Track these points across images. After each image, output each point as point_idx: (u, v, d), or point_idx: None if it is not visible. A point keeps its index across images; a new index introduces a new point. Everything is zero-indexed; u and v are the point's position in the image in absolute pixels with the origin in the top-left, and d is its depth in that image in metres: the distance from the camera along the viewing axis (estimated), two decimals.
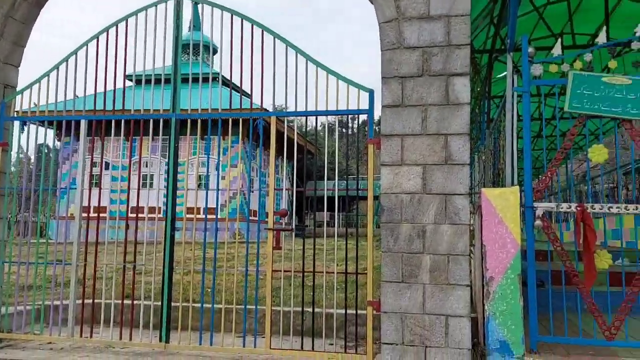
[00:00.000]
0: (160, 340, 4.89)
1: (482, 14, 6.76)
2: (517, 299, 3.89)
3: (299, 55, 4.84)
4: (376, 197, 4.58)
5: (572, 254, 4.17)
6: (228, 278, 5.76)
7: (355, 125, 5.27)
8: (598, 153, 4.00)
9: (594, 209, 4.00)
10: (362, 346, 4.62)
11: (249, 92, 5.11)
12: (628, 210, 3.96)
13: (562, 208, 4.06)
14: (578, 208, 3.99)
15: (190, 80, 5.23)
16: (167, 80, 5.20)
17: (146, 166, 19.57)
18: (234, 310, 4.80)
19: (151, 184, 7.70)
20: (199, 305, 5.01)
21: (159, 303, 4.99)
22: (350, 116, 5.00)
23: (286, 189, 18.80)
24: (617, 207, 3.97)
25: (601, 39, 4.07)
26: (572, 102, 4.05)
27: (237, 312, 5.15)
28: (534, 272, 4.06)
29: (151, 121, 5.20)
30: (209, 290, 6.03)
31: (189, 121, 5.18)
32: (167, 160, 5.15)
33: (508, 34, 4.45)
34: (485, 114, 7.71)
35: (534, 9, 7.23)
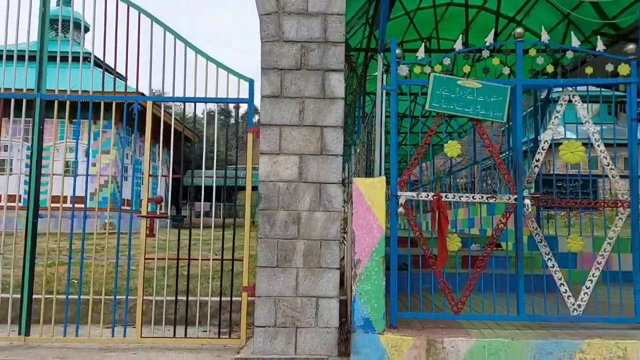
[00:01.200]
0: (20, 333, 4.56)
1: (359, 13, 7.14)
2: (380, 279, 4.23)
3: (177, 40, 4.76)
4: (256, 188, 4.68)
5: (435, 240, 4.64)
6: (97, 269, 5.50)
7: (241, 114, 5.31)
8: (452, 148, 4.48)
9: (448, 198, 4.48)
10: (237, 332, 4.72)
11: (124, 75, 4.93)
12: (475, 199, 4.49)
13: (422, 197, 4.49)
14: (434, 197, 4.44)
15: (58, 58, 4.90)
16: (32, 58, 4.81)
17: (5, 150, 17.80)
18: (102, 300, 4.63)
19: (11, 170, 7.04)
20: (65, 297, 4.75)
21: (19, 296, 4.64)
22: (235, 105, 5.04)
23: (162, 176, 18.18)
24: (466, 197, 4.49)
25: (457, 45, 4.55)
26: (432, 101, 4.48)
27: (108, 303, 4.97)
28: (395, 255, 4.44)
29: (12, 101, 4.79)
30: (76, 282, 5.72)
31: (55, 102, 4.85)
32: (30, 144, 4.79)
33: (379, 36, 4.77)
34: (362, 109, 8.17)
35: (405, 13, 7.77)
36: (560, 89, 4.62)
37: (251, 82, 4.75)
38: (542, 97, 8.53)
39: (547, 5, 7.33)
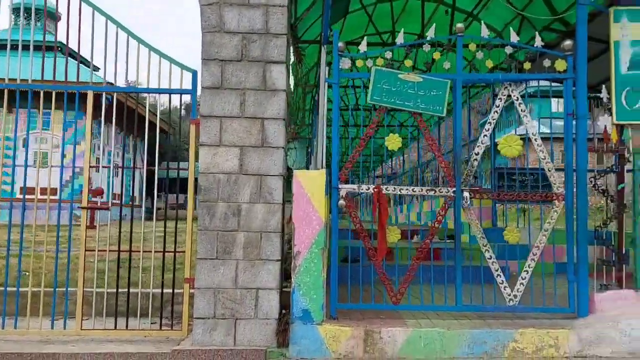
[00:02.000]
0: None
1: (314, 6, 7.12)
2: (319, 271, 4.27)
3: (120, 31, 4.69)
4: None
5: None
6: (47, 261, 5.43)
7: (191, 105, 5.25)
8: (392, 142, 4.52)
9: (388, 190, 4.53)
10: (181, 324, 4.71)
11: (81, 64, 4.84)
12: (415, 192, 4.55)
13: (362, 189, 4.53)
14: (375, 189, 4.49)
15: (20, 47, 4.75)
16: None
17: None
18: (42, 292, 4.57)
19: None
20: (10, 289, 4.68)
21: None
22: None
23: (117, 168, 17.97)
24: (406, 189, 4.54)
25: (399, 39, 4.58)
26: (373, 95, 4.51)
27: (49, 295, 4.90)
28: (336, 247, 4.48)
29: None
30: (27, 274, 5.63)
31: (17, 92, 4.72)
32: None
33: (322, 28, 4.78)
34: (316, 101, 8.17)
35: (362, 7, 7.78)
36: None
37: (194, 73, 4.71)
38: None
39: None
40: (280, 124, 4.42)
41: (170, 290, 4.86)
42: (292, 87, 7.84)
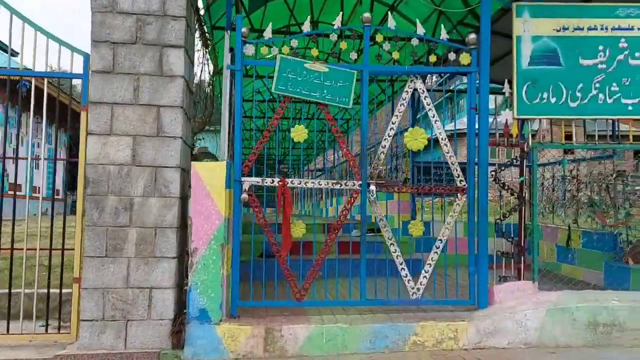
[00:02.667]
0: None
1: None
2: (218, 268, 4.07)
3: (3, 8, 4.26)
4: None
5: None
6: None
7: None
8: (298, 133, 4.38)
9: (294, 183, 4.38)
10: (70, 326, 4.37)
11: None
12: (321, 185, 4.43)
13: (267, 182, 4.36)
14: (279, 182, 4.33)
15: None
16: None
17: None
18: None
19: None
20: None
21: None
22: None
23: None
24: (312, 182, 4.41)
25: (305, 27, 4.44)
26: (278, 84, 4.35)
27: None
28: (238, 243, 4.30)
29: None
30: None
31: None
32: None
33: (226, 11, 4.56)
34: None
35: None
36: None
37: (86, 57, 4.35)
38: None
39: None
40: (178, 112, 4.16)
41: (55, 290, 4.49)
42: (209, 74, 7.55)
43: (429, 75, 9.87)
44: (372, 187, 4.41)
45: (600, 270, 6.01)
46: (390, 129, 4.55)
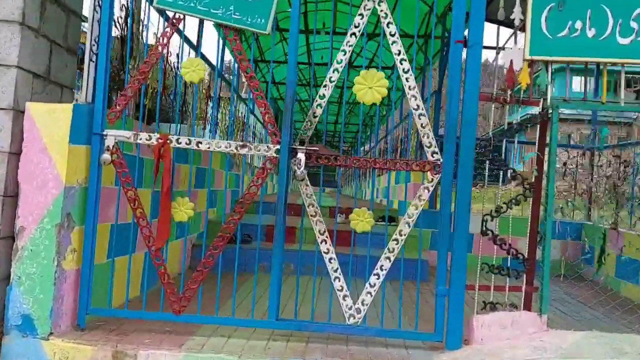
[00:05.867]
0: None
1: None
2: (51, 258, 2.80)
3: None
4: None
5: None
6: None
7: None
8: (190, 69, 2.99)
9: (180, 143, 3.00)
10: None
11: None
12: (220, 147, 3.02)
13: (141, 139, 3.01)
14: (159, 140, 2.98)
15: None
16: None
17: None
18: None
19: None
20: None
21: None
22: None
23: None
24: (207, 143, 3.01)
25: None
26: None
27: None
28: (95, 225, 2.99)
29: None
30: None
31: None
32: None
33: None
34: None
35: None
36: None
37: None
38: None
39: None
40: (15, 29, 2.89)
41: None
42: None
43: None
44: (301, 156, 2.96)
45: None
46: (334, 71, 3.06)
